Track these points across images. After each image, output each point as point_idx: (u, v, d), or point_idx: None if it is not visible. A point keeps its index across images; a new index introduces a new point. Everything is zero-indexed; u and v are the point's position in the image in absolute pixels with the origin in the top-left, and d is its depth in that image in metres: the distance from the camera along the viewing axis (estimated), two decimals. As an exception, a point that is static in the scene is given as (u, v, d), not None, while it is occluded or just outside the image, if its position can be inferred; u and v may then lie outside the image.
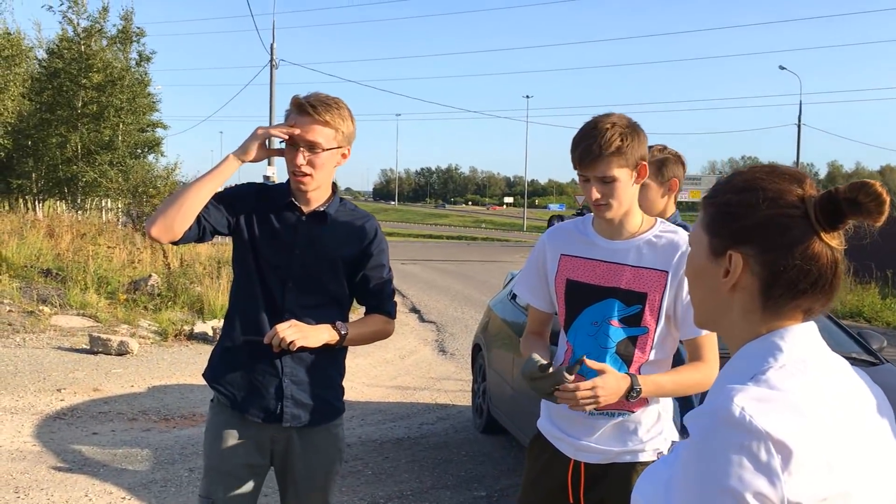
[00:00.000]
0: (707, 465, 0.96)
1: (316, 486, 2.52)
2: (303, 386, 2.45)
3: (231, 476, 2.44)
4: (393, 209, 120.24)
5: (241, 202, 2.46)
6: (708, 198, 1.18)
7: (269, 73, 27.55)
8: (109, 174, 23.61)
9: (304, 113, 2.35)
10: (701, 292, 1.18)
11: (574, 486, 2.28)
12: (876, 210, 1.05)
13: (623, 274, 2.22)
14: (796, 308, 1.09)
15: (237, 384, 2.45)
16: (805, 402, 0.99)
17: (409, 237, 53.05)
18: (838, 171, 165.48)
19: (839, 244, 1.09)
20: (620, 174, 2.14)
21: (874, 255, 17.68)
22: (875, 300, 14.92)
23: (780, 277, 1.08)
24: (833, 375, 1.07)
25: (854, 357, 4.62)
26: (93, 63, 24.44)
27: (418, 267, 25.28)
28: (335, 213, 2.49)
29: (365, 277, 2.53)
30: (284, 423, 2.44)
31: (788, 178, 1.10)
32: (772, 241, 1.07)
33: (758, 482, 0.93)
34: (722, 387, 1.03)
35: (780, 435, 0.94)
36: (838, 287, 1.10)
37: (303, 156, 2.34)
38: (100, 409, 6.59)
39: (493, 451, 5.86)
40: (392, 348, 10.32)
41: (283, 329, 2.27)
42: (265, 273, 2.43)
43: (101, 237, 15.29)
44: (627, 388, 2.10)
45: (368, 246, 2.52)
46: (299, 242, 2.43)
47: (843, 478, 0.97)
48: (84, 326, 9.74)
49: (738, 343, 1.13)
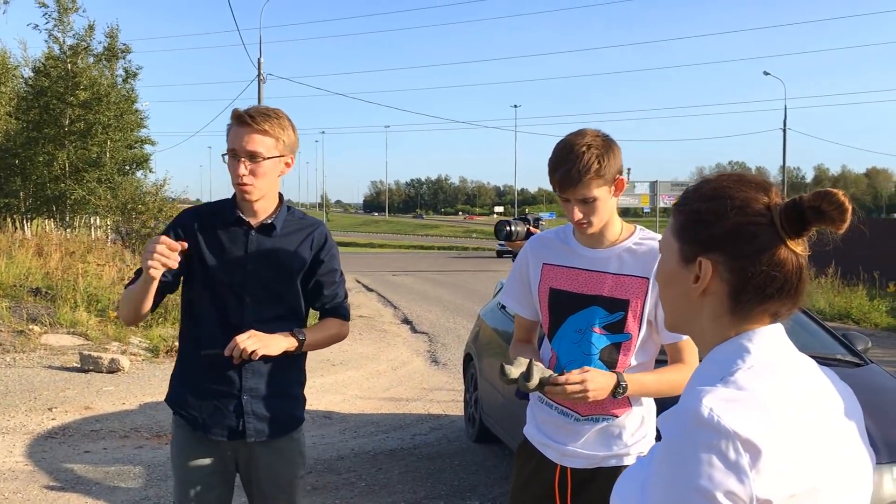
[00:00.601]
0: (678, 464, 0.99)
1: (282, 494, 2.56)
2: (263, 399, 2.48)
3: (201, 485, 2.50)
4: (384, 220, 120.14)
5: (186, 232, 2.49)
6: (678, 205, 1.21)
7: (257, 87, 27.58)
8: (98, 191, 23.52)
9: (244, 124, 2.39)
10: (672, 297, 1.21)
11: (561, 491, 2.31)
12: (839, 218, 1.08)
13: (605, 282, 2.26)
14: (764, 312, 1.13)
15: (197, 406, 2.49)
16: (772, 402, 1.02)
17: (401, 248, 53.04)
18: (825, 174, 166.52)
19: (804, 250, 1.12)
20: (600, 193, 2.18)
21: (861, 258, 17.82)
22: (863, 302, 15.01)
23: (748, 283, 1.11)
24: (800, 375, 1.11)
25: (839, 358, 4.67)
26: (79, 81, 24.40)
27: (410, 278, 25.29)
28: (284, 223, 2.53)
29: (318, 283, 2.57)
30: (248, 439, 2.49)
31: (755, 187, 1.13)
32: (740, 248, 1.11)
33: (728, 481, 0.96)
34: (692, 388, 1.07)
35: (747, 434, 0.97)
36: (804, 291, 1.14)
37: (244, 166, 2.38)
38: (91, 427, 6.57)
39: (486, 460, 5.88)
40: (384, 360, 10.34)
41: (242, 340, 2.29)
42: (221, 292, 2.46)
43: (90, 255, 15.23)
44: (614, 385, 2.14)
45: (319, 253, 2.56)
46: (251, 257, 2.47)
47: (810, 474, 1.00)
48: (74, 345, 9.71)
49: (709, 346, 1.16)
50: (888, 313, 14.47)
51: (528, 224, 3.17)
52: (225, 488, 2.55)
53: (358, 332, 12.61)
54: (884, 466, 3.55)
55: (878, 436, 3.65)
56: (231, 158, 2.41)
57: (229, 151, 2.41)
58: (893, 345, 11.80)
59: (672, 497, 0.99)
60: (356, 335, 12.19)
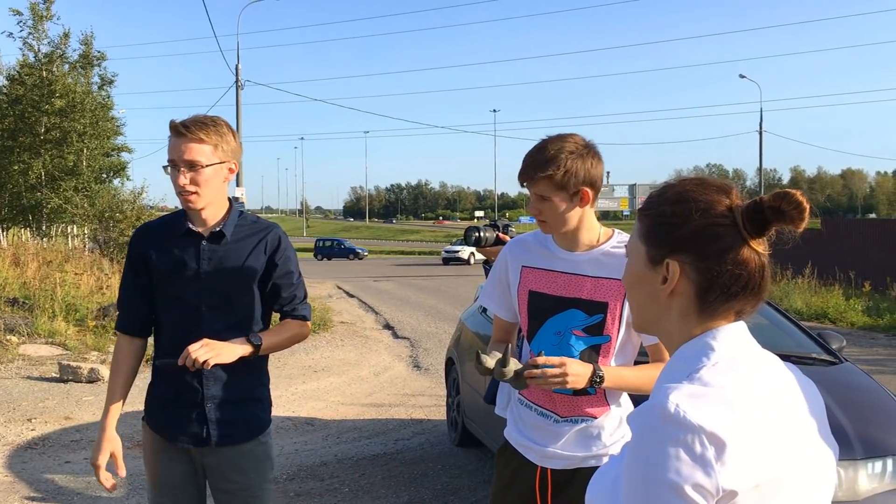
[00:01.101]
0: (647, 460, 1.02)
1: (251, 497, 2.57)
2: (226, 406, 2.51)
3: (173, 487, 2.55)
4: (364, 226, 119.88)
5: (140, 256, 2.54)
6: (643, 210, 1.25)
7: (235, 93, 27.48)
8: (74, 200, 23.33)
9: (179, 134, 2.42)
10: (640, 298, 1.25)
11: (542, 492, 2.34)
12: (798, 217, 1.13)
13: (584, 285, 2.30)
14: (729, 310, 1.17)
15: (163, 414, 2.55)
16: (736, 396, 1.06)
17: (382, 254, 53.01)
18: (801, 175, 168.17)
19: (765, 250, 1.17)
20: (555, 197, 2.22)
21: (838, 258, 18.07)
22: (839, 301, 15.21)
23: (714, 282, 1.15)
24: (764, 371, 1.15)
25: (814, 357, 4.74)
26: (54, 88, 24.18)
27: (391, 283, 25.29)
28: (234, 230, 2.54)
29: (275, 286, 2.58)
30: (213, 445, 2.52)
31: (717, 189, 1.18)
32: (705, 248, 1.15)
33: (695, 474, 0.99)
34: (660, 386, 1.11)
35: (712, 427, 1.01)
36: (766, 289, 1.18)
37: (184, 175, 2.41)
38: (72, 437, 6.53)
39: (468, 464, 5.90)
40: (366, 366, 10.34)
41: (194, 350, 2.30)
42: (178, 304, 2.49)
43: (67, 264, 15.13)
44: (591, 374, 2.16)
45: (273, 256, 2.56)
46: (204, 267, 2.49)
47: (774, 465, 1.04)
48: (53, 355, 9.64)
49: (676, 344, 1.20)
50: (864, 312, 14.67)
51: (497, 230, 3.20)
52: (197, 491, 2.59)
53: (339, 338, 12.60)
54: (858, 462, 3.61)
55: (852, 433, 3.73)
56: (172, 169, 2.43)
57: (169, 162, 2.44)
58: (869, 343, 11.96)
59: (642, 491, 1.02)
60: (338, 342, 12.19)
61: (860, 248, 19.13)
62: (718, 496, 1.00)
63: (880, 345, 11.91)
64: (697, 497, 0.99)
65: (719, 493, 1.00)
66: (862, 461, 3.62)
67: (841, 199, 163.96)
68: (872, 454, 3.67)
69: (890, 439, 3.80)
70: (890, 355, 10.95)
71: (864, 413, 4.02)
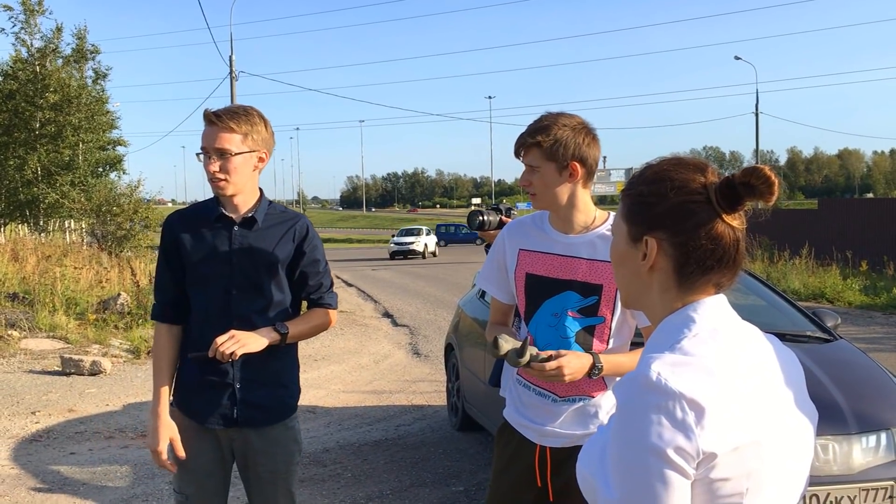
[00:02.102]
0: (631, 426, 1.08)
1: (279, 479, 2.65)
2: (255, 389, 2.59)
3: (199, 472, 2.60)
4: (361, 216, 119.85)
5: (173, 243, 2.61)
6: (624, 190, 1.32)
7: (230, 85, 27.40)
8: (71, 195, 23.34)
9: (210, 123, 2.51)
10: (624, 275, 1.31)
11: (541, 470, 2.39)
12: (767, 191, 1.17)
13: (579, 267, 2.34)
14: (707, 283, 1.22)
15: (193, 397, 2.61)
16: (716, 365, 1.12)
17: (380, 243, 53.01)
18: (798, 157, 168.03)
19: (740, 224, 1.22)
20: (544, 166, 2.29)
21: (835, 238, 18.13)
22: (836, 281, 15.28)
23: (690, 257, 1.20)
24: (743, 341, 1.20)
25: (809, 335, 4.79)
26: (48, 83, 24.17)
27: (390, 272, 25.35)
28: (265, 217, 2.62)
29: (303, 274, 2.66)
30: (241, 427, 2.59)
31: (692, 168, 1.23)
32: (681, 224, 1.20)
33: (676, 438, 1.05)
34: (643, 357, 1.17)
35: (692, 394, 1.06)
36: (742, 262, 1.23)
37: (214, 163, 2.49)
38: (76, 429, 6.59)
39: (469, 448, 5.97)
40: (366, 353, 10.40)
41: (222, 341, 2.42)
42: (209, 287, 2.57)
43: (66, 258, 15.15)
44: (590, 365, 2.22)
45: (301, 244, 2.65)
46: (235, 251, 2.57)
47: (752, 429, 1.10)
48: (55, 348, 9.69)
49: (659, 318, 1.25)
50: (861, 292, 14.74)
51: (500, 214, 3.24)
52: (223, 474, 2.65)
53: (339, 327, 12.65)
54: (853, 437, 3.67)
55: (846, 408, 3.78)
56: (204, 157, 2.52)
57: (202, 150, 2.53)
58: (867, 322, 12.03)
59: (628, 456, 1.08)
60: (338, 330, 12.25)
61: (857, 227, 19.20)
62: (699, 458, 1.05)
63: (877, 323, 11.98)
64: (679, 460, 1.04)
65: (700, 456, 1.05)
66: (856, 436, 3.68)
67: (838, 180, 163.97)
68: (866, 429, 3.72)
69: (884, 414, 3.86)
70: (887, 333, 11.03)
71: (859, 389, 4.08)
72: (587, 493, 1.20)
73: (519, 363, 2.21)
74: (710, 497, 1.08)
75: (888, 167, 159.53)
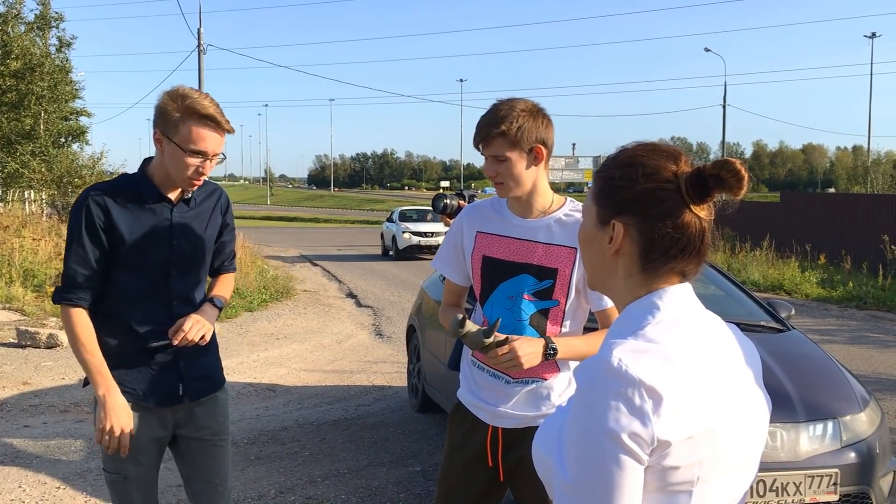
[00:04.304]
0: (590, 409, 1.09)
1: (223, 441, 2.68)
2: (196, 362, 2.60)
3: (139, 451, 2.53)
4: (329, 195, 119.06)
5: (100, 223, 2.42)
6: (597, 172, 1.32)
7: (197, 58, 27.02)
8: (32, 165, 22.81)
9: (217, 127, 2.39)
10: (590, 257, 1.31)
11: (493, 450, 2.43)
12: (736, 185, 1.18)
13: (535, 250, 2.37)
14: (671, 271, 1.23)
15: (137, 380, 2.51)
16: (677, 354, 1.13)
17: (346, 223, 52.77)
18: (763, 150, 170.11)
19: (707, 215, 1.22)
20: (512, 155, 2.29)
21: (796, 231, 18.45)
22: (795, 273, 15.55)
23: (655, 244, 1.21)
24: (705, 330, 1.21)
25: (763, 325, 4.89)
26: (10, 49, 23.54)
27: (355, 252, 25.26)
28: (196, 194, 2.59)
29: (223, 244, 2.71)
30: (186, 402, 2.59)
31: (666, 156, 1.23)
32: (648, 211, 1.21)
33: (632, 424, 1.06)
34: (606, 342, 1.17)
35: (651, 382, 1.07)
36: (706, 252, 1.24)
37: (210, 165, 2.42)
38: (30, 402, 6.50)
39: (427, 429, 6.00)
40: (329, 333, 10.38)
41: (189, 329, 2.43)
42: (147, 270, 2.48)
43: (25, 229, 14.87)
44: (544, 347, 2.24)
45: (226, 216, 2.70)
46: (175, 233, 2.52)
47: (707, 418, 1.11)
48: (11, 320, 9.53)
49: (624, 303, 1.26)
50: (818, 284, 15.02)
51: (462, 199, 3.29)
52: (158, 451, 2.63)
53: (303, 306, 12.60)
54: (801, 425, 3.76)
55: (795, 396, 3.87)
56: (190, 157, 2.37)
57: (192, 151, 2.37)
58: (822, 314, 12.28)
59: (584, 439, 1.09)
60: (301, 309, 12.20)
61: (817, 221, 19.54)
62: (653, 445, 1.07)
63: (832, 315, 12.23)
64: (633, 445, 1.06)
65: (654, 443, 1.07)
66: (804, 424, 3.77)
67: (802, 174, 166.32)
68: (814, 417, 3.82)
69: (831, 403, 3.95)
70: (840, 326, 11.27)
71: (808, 378, 4.17)
72: (542, 473, 1.21)
73: (484, 344, 2.22)
74: (661, 483, 1.10)
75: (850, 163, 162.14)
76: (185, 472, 2.70)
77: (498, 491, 2.51)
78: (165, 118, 2.37)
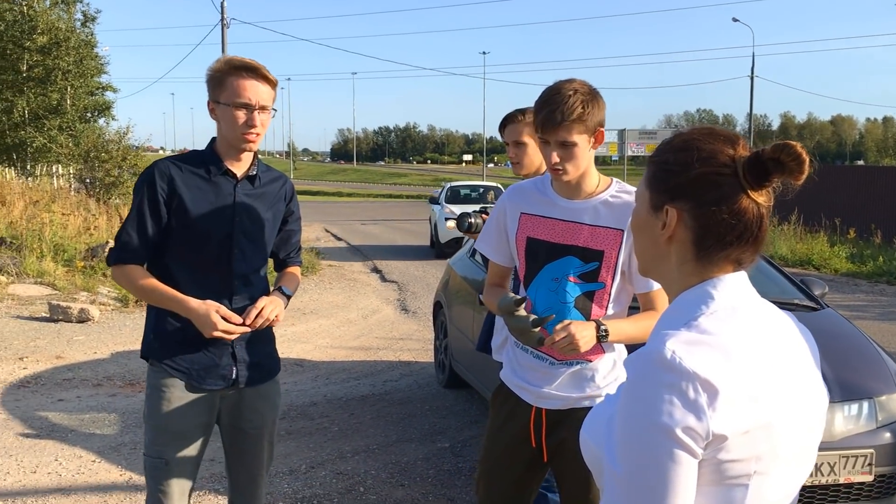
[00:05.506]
0: (642, 402, 1.07)
1: (265, 434, 2.66)
2: (251, 347, 2.57)
3: (183, 436, 2.49)
4: (352, 169, 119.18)
5: (164, 193, 2.43)
6: (652, 156, 1.28)
7: (221, 32, 27.00)
8: (59, 139, 23.01)
9: (258, 76, 2.40)
10: (642, 243, 1.28)
11: (536, 431, 2.42)
12: (797, 169, 1.14)
13: (581, 232, 2.34)
14: (726, 259, 1.19)
15: (189, 359, 2.48)
16: (732, 345, 1.10)
17: (369, 198, 52.84)
18: (791, 122, 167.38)
19: (766, 201, 1.18)
20: (580, 140, 2.24)
21: (825, 205, 18.18)
22: (824, 248, 15.35)
23: (709, 230, 1.17)
24: (761, 319, 1.18)
25: (796, 303, 4.83)
26: (36, 24, 23.68)
27: (379, 227, 25.30)
28: (262, 174, 2.59)
29: (288, 233, 2.70)
30: (240, 386, 2.56)
31: (723, 140, 1.19)
32: (703, 196, 1.17)
33: (686, 418, 1.04)
34: (658, 332, 1.14)
35: (706, 375, 1.05)
36: (764, 240, 1.20)
37: (257, 116, 2.41)
38: (64, 376, 6.60)
39: (455, 405, 6.02)
40: (355, 308, 10.42)
41: (267, 311, 2.43)
42: (209, 245, 2.46)
43: (54, 204, 15.04)
44: (596, 330, 2.22)
45: (290, 203, 2.69)
46: (238, 209, 2.50)
47: (765, 412, 1.08)
48: (43, 295, 9.66)
49: (676, 291, 1.23)
50: (847, 259, 14.82)
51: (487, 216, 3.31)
52: (205, 437, 2.57)
53: (328, 281, 12.66)
54: (836, 405, 3.72)
55: (830, 376, 3.83)
56: (237, 110, 2.38)
57: (237, 104, 2.38)
58: (852, 290, 12.13)
59: (635, 432, 1.07)
60: (326, 285, 12.26)
61: (847, 195, 19.24)
62: (708, 440, 1.04)
63: (862, 291, 12.08)
64: (687, 440, 1.04)
65: (709, 437, 1.04)
66: (839, 404, 3.73)
67: (830, 146, 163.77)
68: (849, 397, 3.77)
69: (866, 383, 3.91)
70: (871, 301, 11.12)
71: (843, 358, 4.12)
72: (591, 462, 1.20)
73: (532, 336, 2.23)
74: (718, 477, 1.07)
75: (880, 135, 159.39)
76: (226, 456, 2.71)
77: (540, 472, 2.51)
78: (213, 83, 2.44)
